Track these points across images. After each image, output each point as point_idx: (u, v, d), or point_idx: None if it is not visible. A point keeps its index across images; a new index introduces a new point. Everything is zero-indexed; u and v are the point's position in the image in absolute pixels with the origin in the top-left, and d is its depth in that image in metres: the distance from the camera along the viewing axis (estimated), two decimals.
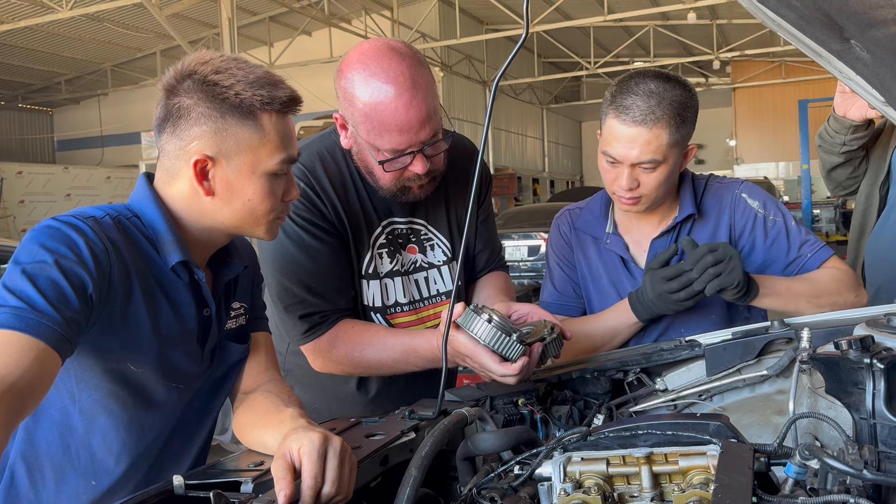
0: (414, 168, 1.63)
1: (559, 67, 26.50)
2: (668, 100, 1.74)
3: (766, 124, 27.40)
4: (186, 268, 1.28)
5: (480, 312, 1.45)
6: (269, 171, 1.27)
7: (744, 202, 1.91)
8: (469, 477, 1.21)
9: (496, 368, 1.45)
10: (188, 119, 1.23)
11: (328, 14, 17.51)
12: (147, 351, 1.23)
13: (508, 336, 1.44)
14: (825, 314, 1.72)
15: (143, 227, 1.26)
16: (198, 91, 1.23)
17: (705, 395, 1.61)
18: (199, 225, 1.31)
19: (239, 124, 1.23)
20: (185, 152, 1.24)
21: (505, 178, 22.78)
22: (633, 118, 1.73)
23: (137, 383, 1.25)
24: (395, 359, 1.67)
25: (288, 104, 1.28)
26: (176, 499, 1.07)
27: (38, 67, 20.31)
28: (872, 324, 1.21)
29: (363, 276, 1.75)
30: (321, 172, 1.70)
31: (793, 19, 1.11)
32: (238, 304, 1.44)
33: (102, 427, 1.25)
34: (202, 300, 1.32)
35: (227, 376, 1.44)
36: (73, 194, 18.11)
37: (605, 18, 17.58)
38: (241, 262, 1.43)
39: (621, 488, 1.01)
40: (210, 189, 1.26)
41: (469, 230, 1.39)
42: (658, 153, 1.75)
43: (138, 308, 1.21)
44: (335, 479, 1.06)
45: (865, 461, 0.91)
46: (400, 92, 1.54)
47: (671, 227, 1.91)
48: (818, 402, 1.19)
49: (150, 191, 1.29)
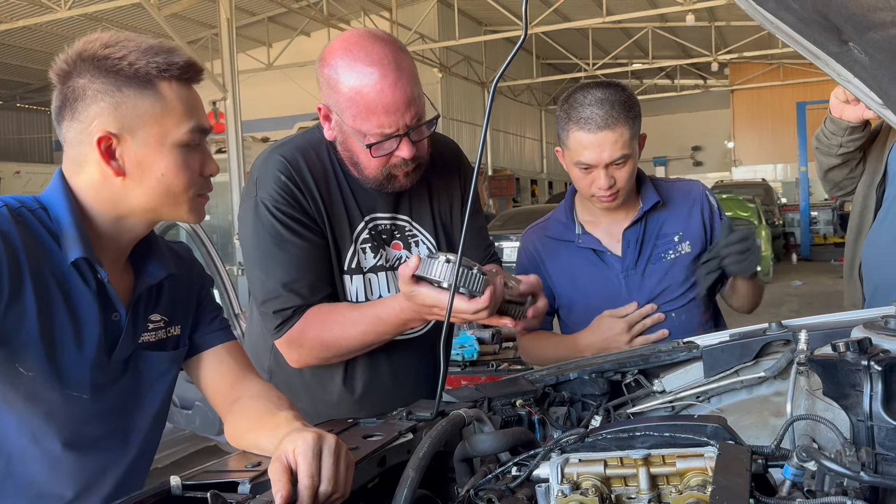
0: (400, 153, 1.63)
1: (558, 69, 26.51)
2: (618, 102, 1.95)
3: (765, 126, 27.44)
4: (88, 265, 1.20)
5: (436, 256, 1.44)
6: (180, 142, 1.21)
7: (709, 199, 2.17)
8: (467, 478, 1.21)
9: (466, 307, 1.43)
10: (84, 99, 1.17)
11: (327, 15, 17.51)
12: (34, 352, 1.15)
13: (469, 269, 1.41)
14: (823, 316, 1.73)
15: (48, 221, 1.19)
16: (90, 69, 1.17)
17: (703, 397, 1.61)
18: (114, 213, 1.24)
19: (138, 95, 1.18)
20: (88, 134, 1.18)
21: (503, 179, 22.79)
22: (596, 125, 1.93)
23: (28, 388, 1.17)
24: (363, 331, 1.65)
25: (186, 69, 1.22)
26: (173, 499, 1.07)
27: (36, 67, 20.26)
28: (870, 326, 1.21)
29: (345, 272, 1.74)
30: (303, 165, 1.70)
31: (791, 22, 1.12)
32: (158, 317, 1.34)
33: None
34: (108, 303, 1.24)
35: (153, 389, 1.35)
36: None
37: (604, 20, 17.56)
38: (167, 269, 1.35)
39: (619, 490, 1.01)
40: (120, 169, 1.19)
41: (465, 236, 1.39)
42: (626, 147, 1.95)
43: (27, 306, 1.14)
44: (331, 476, 1.05)
45: (863, 463, 0.91)
46: (384, 73, 1.57)
47: (639, 217, 2.10)
48: (815, 404, 1.19)
49: (62, 183, 1.23)
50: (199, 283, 1.46)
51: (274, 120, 18.70)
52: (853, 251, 2.37)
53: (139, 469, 1.36)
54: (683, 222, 2.12)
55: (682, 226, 2.12)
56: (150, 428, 1.37)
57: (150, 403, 1.36)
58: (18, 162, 19.27)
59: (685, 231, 2.11)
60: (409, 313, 1.56)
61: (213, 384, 1.42)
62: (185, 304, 1.41)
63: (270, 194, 1.66)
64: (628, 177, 2.00)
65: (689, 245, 2.10)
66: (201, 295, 1.46)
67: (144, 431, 1.36)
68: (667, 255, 2.09)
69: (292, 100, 18.93)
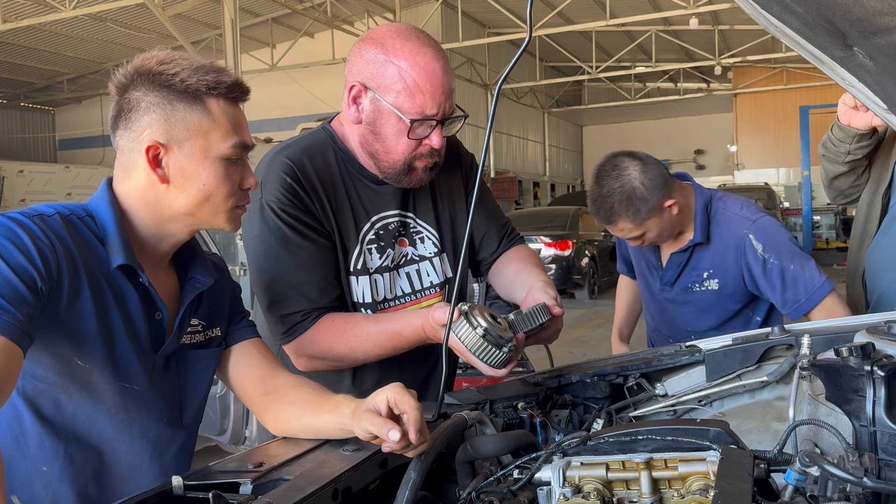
0: (431, 141, 1.64)
1: (561, 72, 26.53)
2: (617, 201, 2.12)
3: (768, 130, 27.41)
4: (130, 271, 1.28)
5: (470, 318, 1.46)
6: (223, 156, 1.30)
7: (751, 244, 2.20)
8: (468, 480, 1.21)
9: (483, 368, 1.49)
10: (138, 110, 1.26)
11: (331, 16, 17.53)
12: (94, 347, 1.24)
13: (498, 349, 1.46)
14: (826, 321, 1.73)
15: (95, 227, 1.28)
16: (146, 83, 1.27)
17: (705, 401, 1.61)
18: (156, 218, 1.32)
19: (187, 109, 1.27)
20: (138, 143, 1.27)
21: (506, 181, 22.79)
22: (600, 219, 2.20)
23: (85, 379, 1.25)
24: (381, 346, 1.66)
25: (233, 89, 1.31)
26: (174, 499, 1.07)
27: (40, 66, 20.33)
28: (873, 331, 1.21)
29: (351, 273, 1.73)
30: (308, 167, 1.69)
31: (796, 26, 1.12)
32: (197, 321, 1.43)
33: (49, 416, 1.26)
34: (151, 303, 1.33)
35: (196, 384, 1.44)
36: (73, 193, 18.09)
37: (608, 23, 17.58)
38: (212, 276, 1.44)
39: (621, 493, 1.01)
40: (164, 176, 1.28)
41: (468, 235, 1.41)
42: (633, 233, 2.17)
43: (85, 304, 1.22)
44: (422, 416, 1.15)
45: (865, 469, 0.91)
46: (436, 56, 1.62)
47: (686, 248, 2.29)
48: (818, 409, 1.19)
49: (108, 192, 1.32)
50: (231, 290, 1.55)
51: (277, 121, 18.72)
52: (857, 258, 2.36)
53: (183, 458, 1.43)
54: (718, 261, 2.25)
55: (715, 264, 2.26)
56: (193, 421, 1.45)
57: (194, 397, 1.44)
58: (22, 161, 19.29)
59: (716, 269, 2.26)
60: (431, 333, 1.58)
61: (242, 378, 1.48)
62: (221, 309, 1.50)
63: (276, 196, 1.65)
64: (654, 237, 2.21)
65: (717, 283, 2.26)
66: (233, 300, 1.55)
67: (188, 423, 1.44)
68: (694, 287, 2.30)
69: (296, 101, 18.96)
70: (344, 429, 1.24)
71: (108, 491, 1.30)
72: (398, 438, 1.10)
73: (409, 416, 1.13)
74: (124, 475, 1.32)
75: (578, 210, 13.15)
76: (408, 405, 1.14)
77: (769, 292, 2.18)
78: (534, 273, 1.80)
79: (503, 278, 1.91)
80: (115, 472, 1.32)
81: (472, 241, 1.94)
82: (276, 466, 1.16)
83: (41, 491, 1.26)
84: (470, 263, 1.98)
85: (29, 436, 1.25)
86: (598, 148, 33.59)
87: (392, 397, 1.16)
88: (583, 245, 12.64)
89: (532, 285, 1.70)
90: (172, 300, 1.39)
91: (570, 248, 12.24)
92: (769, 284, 2.17)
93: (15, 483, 1.26)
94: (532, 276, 1.77)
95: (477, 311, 1.47)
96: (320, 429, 1.31)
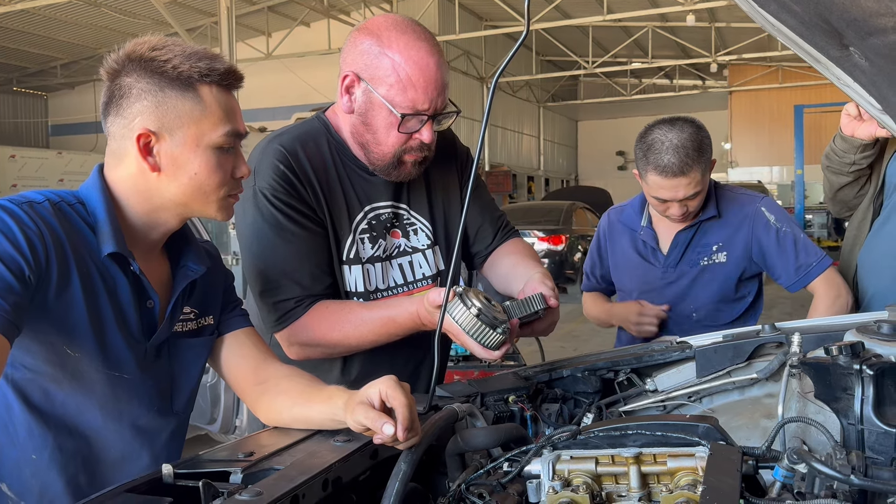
0: (421, 136, 1.64)
1: (557, 66, 26.49)
2: (692, 147, 2.11)
3: (762, 128, 27.45)
4: (121, 259, 1.27)
5: (465, 298, 1.46)
6: (214, 144, 1.28)
7: (763, 215, 2.29)
8: (458, 473, 1.21)
9: (477, 350, 1.48)
10: (129, 97, 1.24)
11: (327, 6, 17.45)
12: (83, 335, 1.23)
13: (493, 329, 1.45)
14: (816, 319, 1.74)
15: (86, 214, 1.27)
16: (137, 69, 1.24)
17: (695, 397, 1.62)
18: (147, 206, 1.30)
19: (179, 97, 1.25)
20: (129, 130, 1.25)
21: (500, 175, 22.76)
22: (672, 172, 2.12)
23: (75, 368, 1.24)
24: (375, 332, 1.65)
25: (227, 76, 1.29)
26: (164, 487, 1.07)
27: (33, 51, 20.17)
28: (863, 330, 1.21)
29: (344, 262, 1.73)
30: (302, 155, 1.69)
31: (793, 25, 1.12)
32: (189, 309, 1.42)
33: (38, 404, 1.25)
34: (143, 291, 1.31)
35: (188, 373, 1.43)
36: (66, 179, 17.99)
37: (605, 18, 17.55)
38: (204, 264, 1.42)
39: (609, 487, 1.02)
40: (155, 164, 1.26)
41: (462, 224, 1.40)
42: (698, 187, 2.16)
43: (74, 292, 1.21)
44: (412, 411, 1.14)
45: (853, 466, 0.92)
46: (431, 51, 1.62)
47: (693, 224, 2.31)
48: (807, 407, 1.20)
49: (99, 179, 1.30)
50: (224, 278, 1.53)
51: (272, 110, 18.64)
52: (849, 260, 2.37)
53: (173, 447, 1.43)
54: (728, 234, 2.31)
55: (725, 237, 2.31)
56: (184, 409, 1.45)
57: (185, 385, 1.43)
58: (14, 146, 19.15)
59: (726, 242, 2.31)
60: (426, 318, 1.58)
61: (235, 367, 1.47)
62: (213, 297, 1.48)
63: (269, 183, 1.65)
64: (699, 203, 2.24)
65: (725, 256, 2.30)
66: (226, 289, 1.54)
67: (179, 411, 1.43)
68: (701, 260, 2.32)
69: (290, 90, 18.87)
70: (336, 420, 1.24)
71: (98, 479, 1.29)
72: (392, 433, 1.10)
73: (399, 413, 1.12)
74: (114, 463, 1.32)
75: (572, 205, 13.16)
76: (398, 402, 1.13)
77: (778, 261, 2.25)
78: (531, 265, 1.80)
79: (499, 271, 1.91)
80: (105, 460, 1.31)
81: (465, 234, 1.94)
82: (267, 456, 1.16)
83: (30, 479, 1.25)
84: (464, 256, 1.98)
85: (18, 424, 1.24)
86: (592, 143, 33.65)
87: (384, 391, 1.15)
88: (576, 240, 12.65)
89: (529, 276, 1.70)
90: (164, 288, 1.37)
91: (563, 242, 12.25)
92: (781, 252, 2.25)
93: (4, 471, 1.25)
94: (529, 268, 1.77)
95: (472, 293, 1.47)
96: (312, 419, 1.30)
